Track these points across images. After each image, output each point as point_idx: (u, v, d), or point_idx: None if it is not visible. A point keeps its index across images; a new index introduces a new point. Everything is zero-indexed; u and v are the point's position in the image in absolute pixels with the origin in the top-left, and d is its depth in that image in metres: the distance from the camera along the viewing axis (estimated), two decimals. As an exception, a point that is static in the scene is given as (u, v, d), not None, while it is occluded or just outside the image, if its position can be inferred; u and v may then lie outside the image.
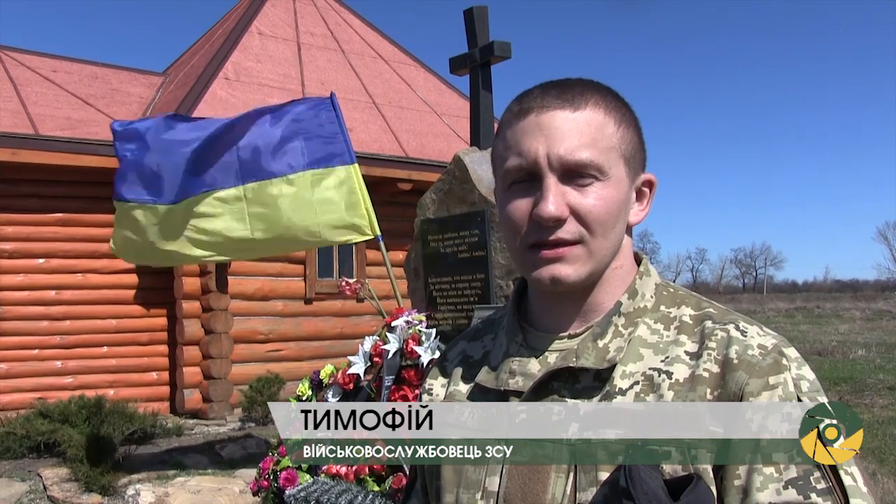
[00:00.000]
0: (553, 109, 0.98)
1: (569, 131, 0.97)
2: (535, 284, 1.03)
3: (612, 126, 1.00)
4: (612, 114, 1.01)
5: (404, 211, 8.51)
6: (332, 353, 9.45)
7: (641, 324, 1.02)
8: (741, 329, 0.97)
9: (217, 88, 9.63)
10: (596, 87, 1.03)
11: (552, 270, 0.98)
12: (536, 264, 0.99)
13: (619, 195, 1.00)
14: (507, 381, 1.04)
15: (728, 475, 0.89)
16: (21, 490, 6.06)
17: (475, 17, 4.88)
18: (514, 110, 1.02)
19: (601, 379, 0.98)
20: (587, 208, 0.97)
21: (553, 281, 0.99)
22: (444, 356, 1.21)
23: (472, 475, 1.03)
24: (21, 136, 8.59)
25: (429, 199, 4.80)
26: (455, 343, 1.22)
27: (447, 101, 11.90)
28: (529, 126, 0.99)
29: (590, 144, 0.97)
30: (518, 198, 1.00)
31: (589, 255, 0.99)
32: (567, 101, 0.99)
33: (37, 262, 8.94)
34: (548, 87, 1.02)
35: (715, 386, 0.93)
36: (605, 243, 0.99)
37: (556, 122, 0.98)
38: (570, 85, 1.02)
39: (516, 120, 1.01)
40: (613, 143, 0.99)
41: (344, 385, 4.12)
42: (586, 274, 1.00)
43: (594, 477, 0.93)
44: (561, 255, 0.98)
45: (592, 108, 0.99)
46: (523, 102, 1.01)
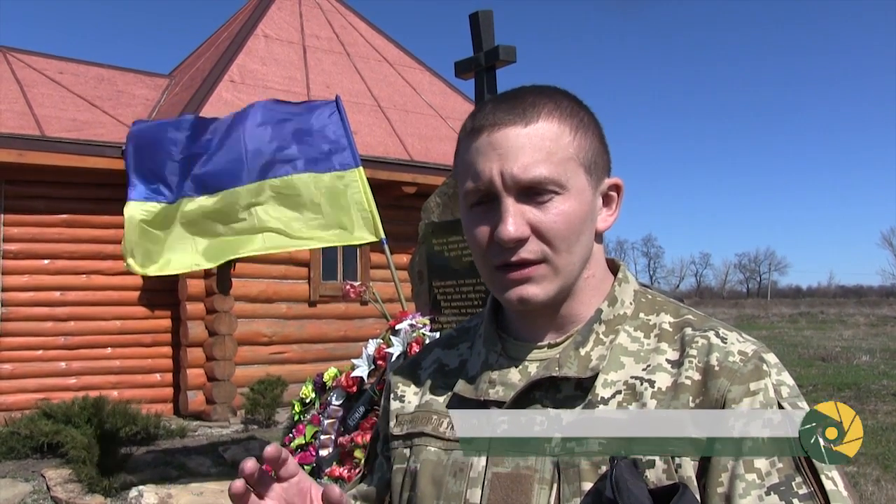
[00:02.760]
0: (504, 127, 0.96)
1: (521, 148, 0.95)
2: (506, 304, 1.02)
3: (568, 135, 0.98)
4: (567, 122, 0.98)
5: (409, 214, 8.52)
6: (335, 356, 9.45)
7: (622, 331, 1.01)
8: (721, 336, 0.96)
9: (223, 91, 9.66)
10: (549, 94, 1.00)
11: (519, 292, 0.97)
12: (505, 285, 0.98)
13: (582, 206, 0.98)
14: (488, 391, 1.02)
15: (711, 482, 0.89)
16: (25, 490, 6.07)
17: (480, 21, 4.89)
18: (468, 129, 1.00)
19: (583, 388, 0.97)
20: (547, 225, 0.96)
21: (521, 301, 0.98)
22: (418, 363, 1.17)
23: (452, 487, 1.00)
24: (27, 138, 8.62)
25: (433, 202, 4.81)
26: (429, 350, 1.19)
27: (452, 105, 11.91)
28: (482, 146, 0.97)
29: (544, 160, 0.95)
30: (479, 219, 0.99)
31: (555, 273, 0.98)
32: (518, 115, 0.97)
33: (42, 263, 8.96)
34: (499, 102, 1.00)
35: (697, 393, 0.92)
36: (570, 258, 0.98)
37: (508, 140, 0.96)
38: (521, 97, 0.99)
39: (469, 140, 0.99)
40: (570, 153, 0.97)
41: (347, 388, 4.12)
42: (554, 292, 0.99)
43: (577, 487, 0.92)
44: (527, 276, 0.97)
45: (545, 120, 0.97)
46: (476, 120, 0.99)
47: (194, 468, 6.83)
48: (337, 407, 4.09)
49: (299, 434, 4.15)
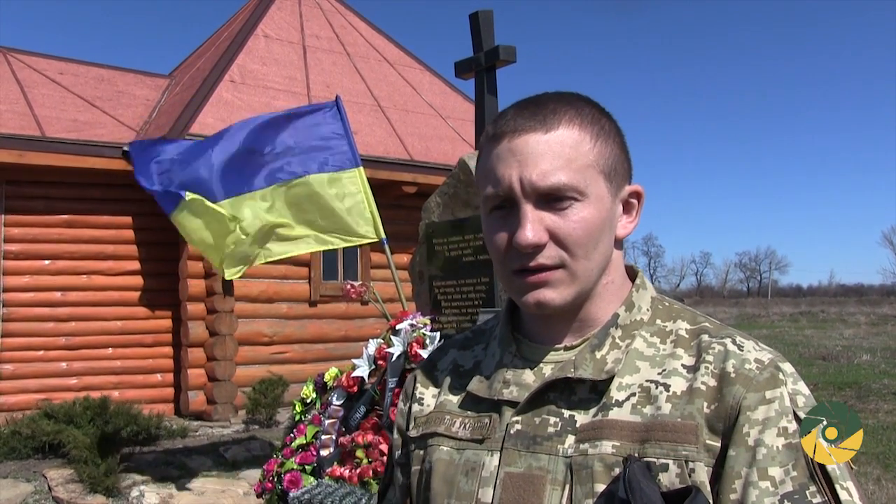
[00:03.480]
0: (525, 133, 0.97)
1: (541, 155, 0.96)
2: (523, 307, 1.03)
3: (588, 142, 0.98)
4: (588, 129, 0.99)
5: (409, 214, 8.53)
6: (336, 356, 9.46)
7: (638, 336, 1.01)
8: (738, 343, 0.97)
9: (223, 91, 9.65)
10: (571, 101, 1.01)
11: (537, 296, 0.98)
12: (522, 289, 0.99)
13: (601, 213, 0.99)
14: (501, 390, 1.03)
15: (724, 489, 0.89)
16: (26, 490, 6.08)
17: (480, 21, 4.90)
18: (490, 134, 1.01)
19: (598, 391, 0.98)
20: (566, 232, 0.96)
21: (538, 305, 0.99)
22: (435, 365, 1.18)
23: (464, 487, 1.00)
24: (27, 138, 8.62)
25: (434, 202, 4.81)
26: (445, 351, 1.20)
27: (452, 105, 11.91)
28: (503, 152, 0.98)
29: (564, 166, 0.96)
30: (498, 224, 1.00)
31: (572, 278, 0.98)
32: (539, 122, 0.97)
33: (42, 264, 8.96)
34: (521, 108, 1.01)
35: (712, 399, 0.92)
36: (588, 264, 0.99)
37: (528, 146, 0.96)
38: (543, 103, 1.00)
39: (490, 146, 1.00)
40: (590, 160, 0.98)
41: (348, 388, 4.12)
42: (571, 297, 0.99)
43: (590, 489, 0.92)
44: (544, 280, 0.97)
45: (566, 127, 0.98)
46: (497, 126, 1.00)
47: (195, 468, 6.83)
48: (338, 407, 4.09)
49: (300, 434, 4.15)
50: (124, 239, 9.32)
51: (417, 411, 1.14)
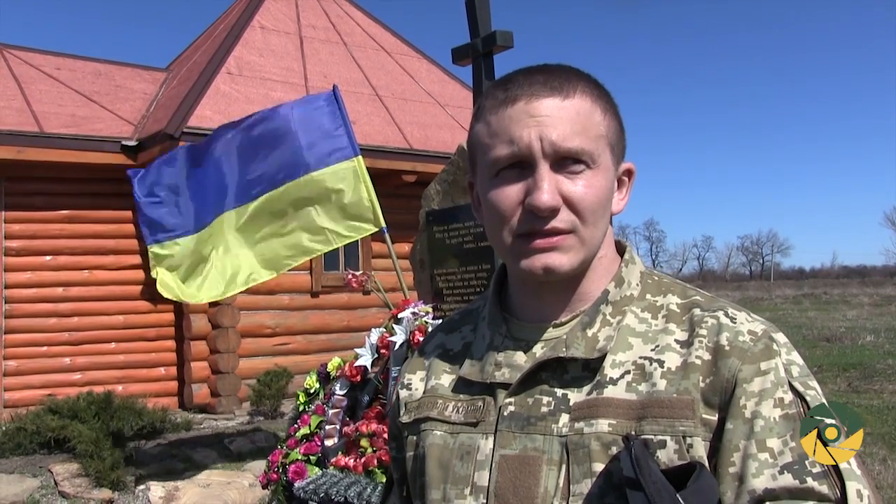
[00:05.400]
0: (542, 97, 0.97)
1: (560, 119, 0.96)
2: (525, 274, 1.00)
3: (600, 114, 0.99)
4: (598, 102, 1.00)
5: (409, 203, 8.50)
6: (339, 346, 9.46)
7: (629, 312, 1.01)
8: (730, 316, 0.96)
9: (220, 83, 9.62)
10: (580, 74, 1.02)
11: (545, 259, 0.96)
12: (527, 254, 0.97)
13: (607, 183, 0.99)
14: (493, 373, 1.02)
15: (723, 462, 0.89)
16: (32, 486, 6.09)
17: (476, 6, 4.86)
18: (500, 97, 0.99)
19: (590, 369, 0.97)
20: (579, 196, 0.96)
21: (546, 270, 0.97)
22: (422, 350, 1.18)
23: (459, 471, 1.00)
24: (26, 134, 8.61)
25: (433, 190, 4.79)
26: (431, 336, 1.19)
27: (450, 92, 11.87)
28: (518, 114, 0.97)
29: (581, 132, 0.96)
30: (507, 186, 0.98)
31: (581, 244, 0.98)
32: (556, 88, 0.97)
33: (44, 260, 8.97)
34: (532, 74, 1.00)
35: (707, 373, 0.92)
36: (595, 232, 0.99)
37: (546, 109, 0.96)
38: (554, 72, 1.00)
39: (503, 107, 0.99)
40: (602, 131, 0.99)
41: (351, 377, 4.12)
42: (578, 263, 0.99)
43: (588, 468, 0.91)
44: (555, 245, 0.96)
45: (581, 96, 0.98)
46: (509, 90, 0.99)
47: (201, 461, 6.85)
48: (341, 396, 4.09)
49: (304, 424, 4.15)
50: (125, 233, 9.31)
51: (406, 396, 1.13)
